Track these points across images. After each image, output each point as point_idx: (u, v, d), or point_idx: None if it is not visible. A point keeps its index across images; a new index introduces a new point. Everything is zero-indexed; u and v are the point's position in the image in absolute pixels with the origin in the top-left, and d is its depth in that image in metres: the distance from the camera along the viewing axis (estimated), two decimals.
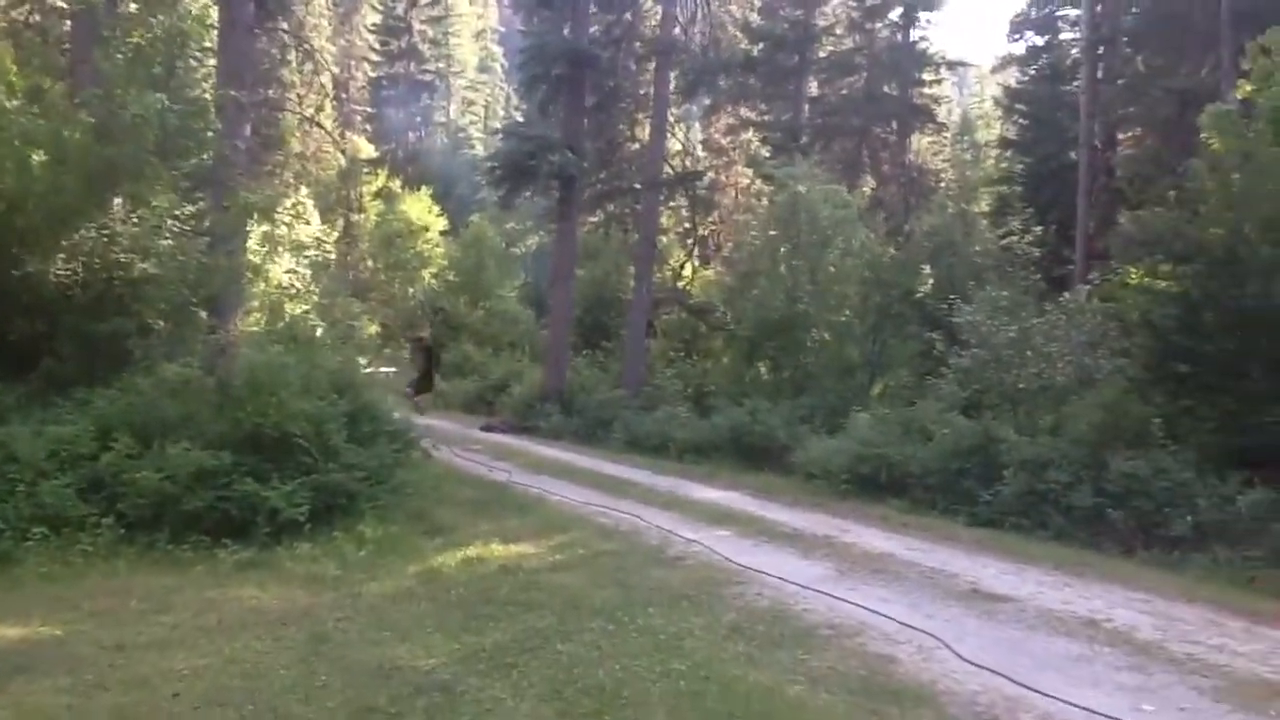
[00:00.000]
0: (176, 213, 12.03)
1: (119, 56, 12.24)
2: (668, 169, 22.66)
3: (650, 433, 17.28)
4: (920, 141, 41.01)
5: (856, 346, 20.29)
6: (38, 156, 11.54)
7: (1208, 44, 21.83)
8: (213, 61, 17.84)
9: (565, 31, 20.26)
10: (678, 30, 21.21)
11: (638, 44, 22.18)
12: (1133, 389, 11.63)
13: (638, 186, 22.22)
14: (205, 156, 13.78)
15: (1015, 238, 17.65)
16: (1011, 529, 10.52)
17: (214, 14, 16.55)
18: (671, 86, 22.42)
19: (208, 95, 14.94)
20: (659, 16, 21.70)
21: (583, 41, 19.98)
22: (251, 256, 18.60)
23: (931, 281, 21.24)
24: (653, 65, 21.80)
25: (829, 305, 20.09)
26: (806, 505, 11.95)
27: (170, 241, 12.02)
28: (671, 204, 30.49)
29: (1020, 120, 33.60)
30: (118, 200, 11.76)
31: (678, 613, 7.03)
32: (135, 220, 11.45)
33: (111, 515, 8.74)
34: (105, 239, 11.31)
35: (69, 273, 11.28)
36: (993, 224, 26.31)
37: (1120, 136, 29.15)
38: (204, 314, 12.81)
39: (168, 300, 11.67)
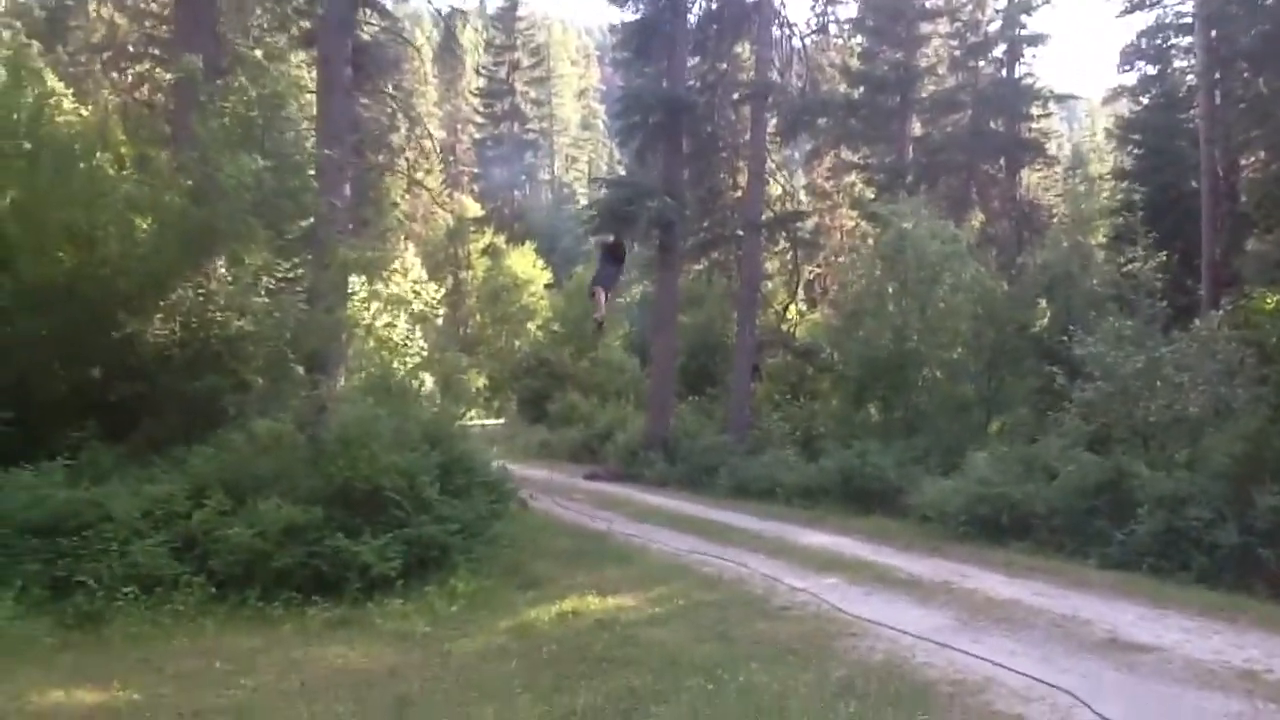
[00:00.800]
0: (274, 271, 12.08)
1: (215, 123, 12.39)
2: (768, 212, 22.22)
3: (756, 477, 16.76)
4: (1030, 177, 40.05)
5: (970, 384, 19.48)
6: (141, 222, 11.78)
7: None
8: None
9: (662, 81, 20.13)
10: (774, 74, 20.91)
11: (734, 91, 21.84)
12: (1276, 418, 10.75)
13: (739, 233, 21.84)
14: (304, 217, 13.91)
15: (1138, 263, 16.70)
16: (1149, 571, 9.71)
17: (311, 77, 16.86)
18: (770, 129, 22.10)
19: (308, 155, 15.09)
20: (755, 62, 21.43)
21: (679, 89, 19.81)
22: (357, 313, 18.80)
23: (1047, 316, 20.37)
24: (749, 110, 21.48)
25: (940, 342, 19.36)
26: (922, 549, 11.29)
27: (266, 299, 12.07)
28: (774, 248, 30.08)
29: (1135, 150, 32.46)
30: (216, 262, 11.86)
31: (783, 668, 6.53)
32: (230, 279, 11.49)
33: (203, 574, 8.62)
34: (202, 298, 11.37)
35: (167, 333, 11.36)
36: (1110, 256, 25.34)
37: (1243, 162, 27.89)
38: (302, 370, 12.80)
39: (264, 357, 11.68)
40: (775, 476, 16.33)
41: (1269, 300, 13.05)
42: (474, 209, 58.64)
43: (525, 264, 47.77)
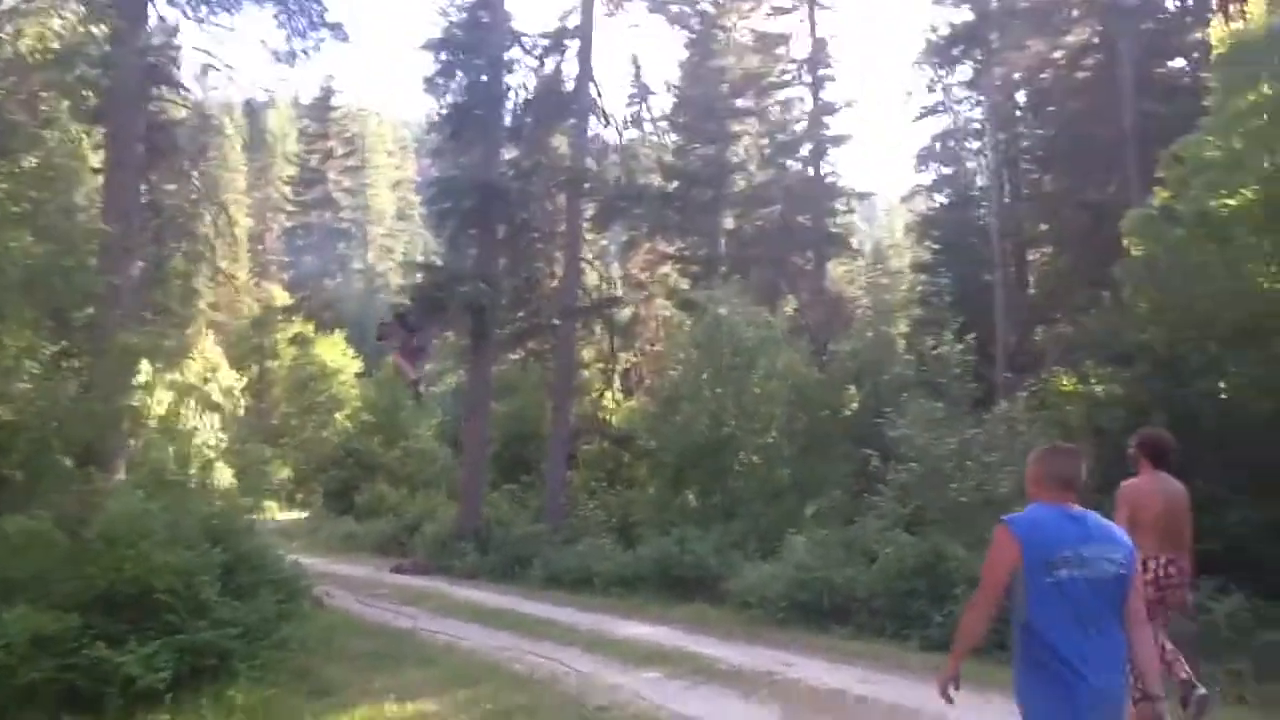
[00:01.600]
0: (37, 355, 10.97)
1: None
2: (585, 299, 22.01)
3: (572, 567, 16.11)
4: (836, 270, 41.43)
5: (786, 468, 19.49)
6: None
7: (1111, 163, 22.12)
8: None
9: (477, 168, 19.76)
10: (589, 162, 20.86)
11: (551, 180, 21.66)
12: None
13: (555, 321, 21.52)
14: (80, 298, 12.83)
15: (947, 347, 17.16)
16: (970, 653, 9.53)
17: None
18: (586, 216, 22.00)
19: (89, 234, 14.00)
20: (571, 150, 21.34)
21: (493, 175, 19.47)
22: (144, 403, 17.49)
23: (857, 401, 20.72)
24: (565, 198, 21.32)
25: (755, 428, 19.36)
26: (743, 637, 10.87)
27: (29, 385, 10.94)
28: (591, 337, 29.93)
29: (933, 245, 33.93)
30: None
31: None
32: None
33: None
34: None
35: None
36: (912, 344, 26.21)
37: (1031, 255, 29.52)
38: (71, 463, 11.61)
39: (25, 448, 10.50)
40: (591, 566, 15.72)
41: (1065, 382, 13.45)
42: (282, 297, 56.71)
43: (334, 352, 46.21)
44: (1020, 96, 28.28)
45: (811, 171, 36.93)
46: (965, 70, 30.24)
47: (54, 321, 13.14)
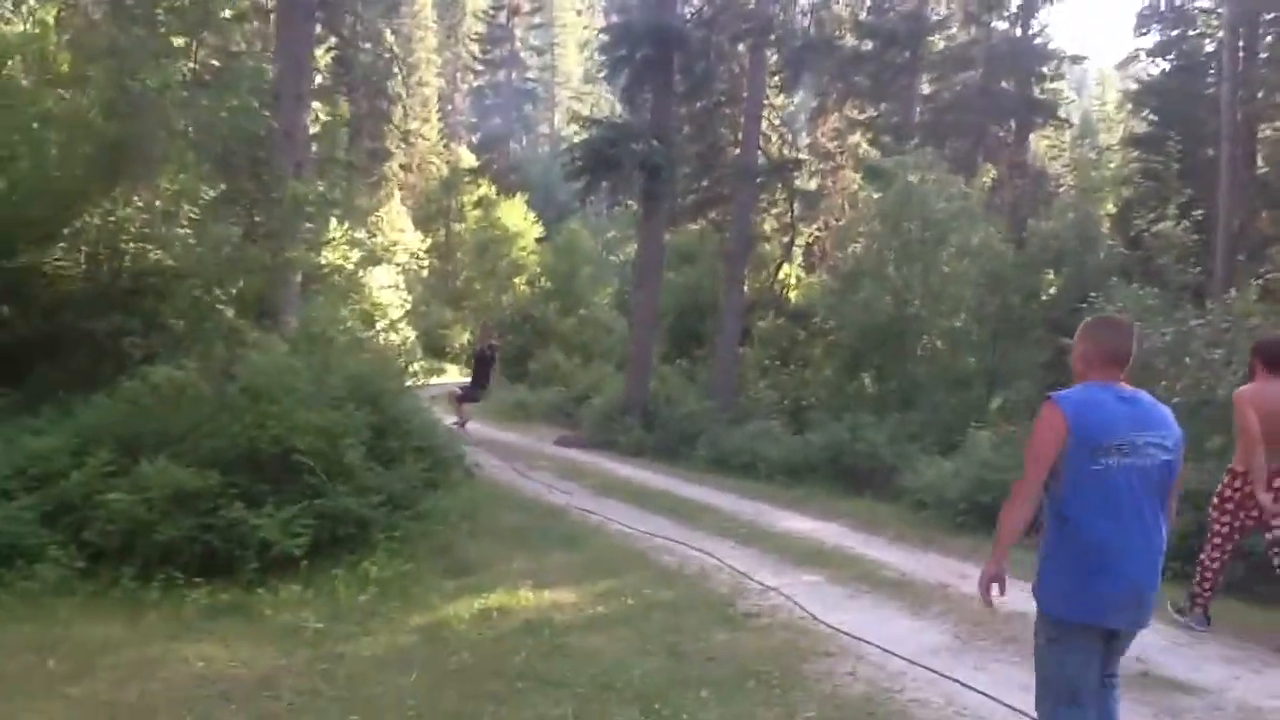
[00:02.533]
0: (197, 199, 10.73)
1: (137, 28, 10.98)
2: (767, 163, 20.76)
3: (738, 449, 15.33)
4: (1039, 142, 38.86)
5: (973, 355, 18.18)
6: (57, 139, 10.41)
7: None
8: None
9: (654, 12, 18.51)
10: (776, 7, 19.35)
11: (732, 29, 20.18)
12: None
13: (730, 186, 20.39)
14: (245, 142, 12.55)
15: (1170, 222, 15.37)
16: (1176, 578, 8.39)
17: None
18: (772, 74, 20.61)
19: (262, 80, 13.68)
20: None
21: (671, 20, 18.20)
22: (333, 258, 17.63)
23: (1054, 288, 19.06)
24: (748, 49, 19.88)
25: (942, 310, 18.06)
26: (916, 541, 9.97)
27: (188, 230, 10.74)
28: (771, 205, 28.68)
29: (1152, 116, 31.04)
30: (133, 185, 10.49)
31: (740, 698, 5.25)
32: (143, 205, 10.13)
33: (74, 545, 7.34)
34: (111, 226, 10.03)
35: (70, 264, 10.04)
36: (1119, 228, 24.10)
37: (1262, 132, 26.49)
38: (230, 313, 11.47)
39: (183, 296, 10.35)
40: (758, 450, 14.90)
41: None
42: (469, 160, 57.09)
43: (516, 216, 46.22)
44: None
45: (1018, 31, 34.51)
46: None
47: (219, 167, 13.00)
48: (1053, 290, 19.00)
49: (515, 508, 10.80)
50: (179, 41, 12.51)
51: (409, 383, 11.19)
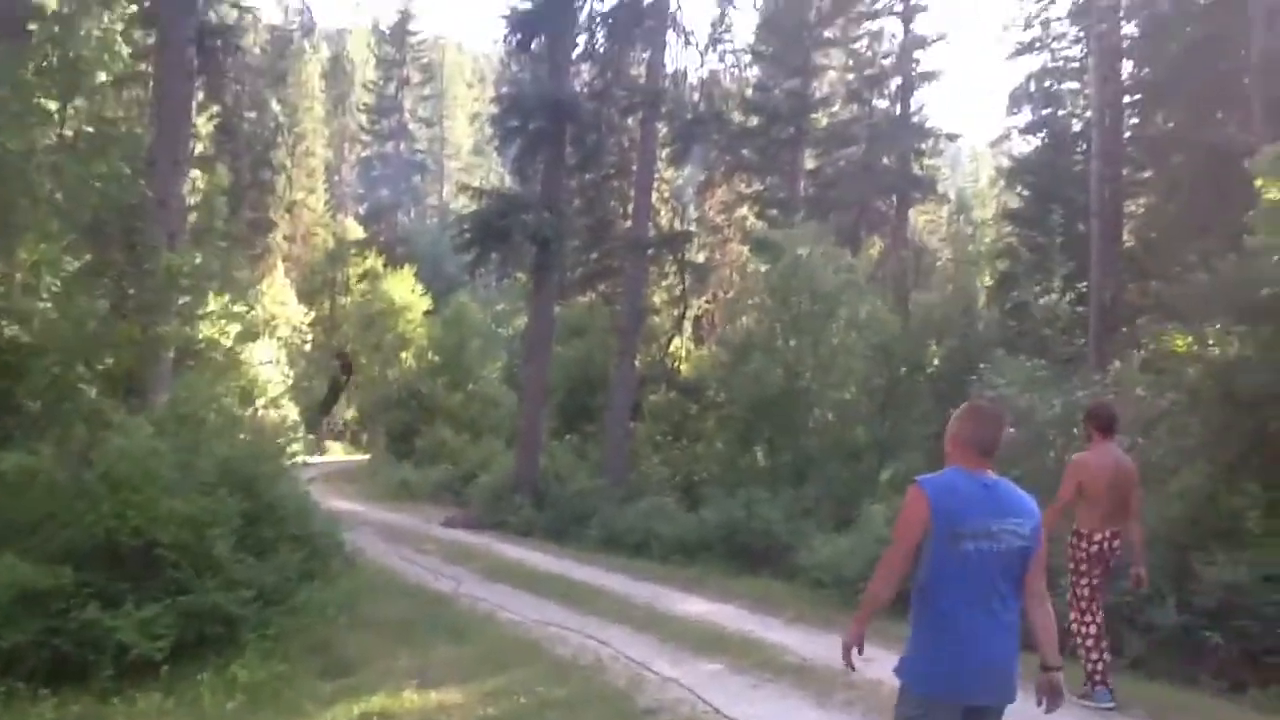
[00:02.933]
0: (58, 271, 10.10)
1: None
2: (658, 235, 20.74)
3: (631, 528, 15.00)
4: (918, 218, 39.88)
5: (863, 427, 18.25)
6: None
7: (1231, 100, 20.24)
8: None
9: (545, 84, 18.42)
10: (666, 82, 19.43)
11: (624, 103, 20.19)
12: (1218, 475, 9.46)
13: (622, 257, 20.24)
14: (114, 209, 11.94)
15: (1055, 295, 15.70)
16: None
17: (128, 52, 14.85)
18: (661, 146, 20.70)
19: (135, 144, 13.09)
20: (647, 69, 19.84)
21: (563, 92, 18.12)
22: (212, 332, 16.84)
23: (936, 360, 19.33)
24: (639, 122, 19.93)
25: (832, 382, 18.12)
26: (816, 622, 9.69)
27: (47, 303, 10.09)
28: (662, 280, 28.75)
29: (1025, 192, 32.15)
30: None
31: None
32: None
33: None
34: None
35: None
36: (996, 299, 24.76)
37: (1129, 206, 27.59)
38: (92, 393, 10.79)
39: (37, 375, 9.65)
40: (652, 528, 14.57)
41: (1180, 342, 11.89)
42: (356, 231, 56.25)
43: (403, 289, 45.52)
44: (1129, 27, 26.12)
45: (898, 109, 35.51)
46: (1066, 2, 28.40)
47: (89, 236, 12.37)
48: (936, 362, 19.25)
49: (399, 596, 10.27)
50: (52, 105, 11.86)
51: (288, 463, 10.63)
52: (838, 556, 11.02)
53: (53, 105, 11.62)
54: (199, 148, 35.30)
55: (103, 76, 12.68)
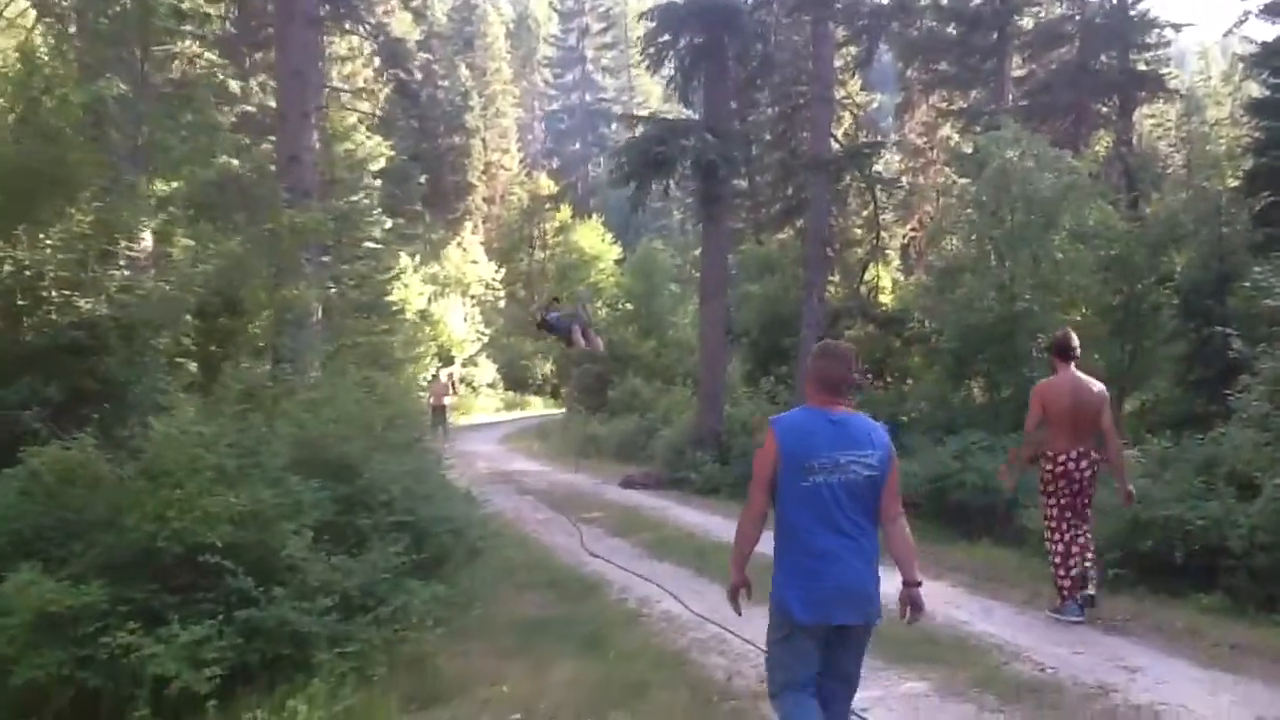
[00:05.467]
0: (115, 236, 8.92)
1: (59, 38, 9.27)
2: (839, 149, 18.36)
3: None
4: (1143, 121, 36.18)
5: (1099, 353, 15.58)
6: None
7: None
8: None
9: None
10: None
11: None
12: None
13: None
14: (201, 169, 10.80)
15: None
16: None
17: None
18: (838, 44, 18.28)
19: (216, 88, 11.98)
20: None
21: (721, 1, 15.99)
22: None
23: (1178, 271, 16.31)
24: (810, 23, 17.54)
25: (1057, 302, 15.55)
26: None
27: (123, 271, 8.95)
28: (861, 207, 26.44)
29: (1272, 79, 27.95)
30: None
31: None
32: (51, 245, 8.32)
33: None
34: (13, 270, 8.25)
35: None
36: (1238, 202, 21.31)
37: None
38: (193, 367, 9.68)
39: (125, 350, 8.49)
40: None
41: None
42: (550, 186, 55.95)
43: (593, 238, 44.56)
44: None
45: (1114, 1, 31.97)
46: None
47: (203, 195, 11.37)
48: (1178, 273, 16.29)
49: (539, 585, 8.67)
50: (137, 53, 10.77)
51: (408, 436, 9.24)
52: None
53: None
54: (378, 114, 35.09)
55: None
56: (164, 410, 7.56)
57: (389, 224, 37.39)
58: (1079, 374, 7.39)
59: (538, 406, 40.34)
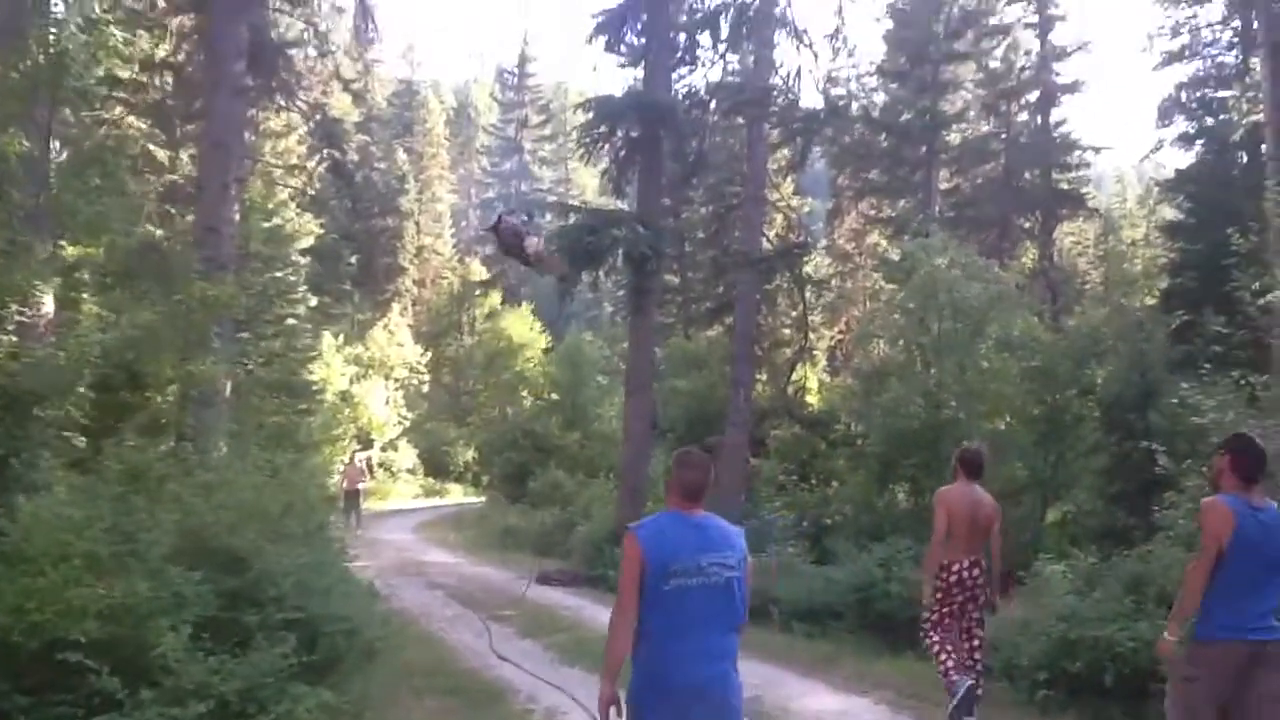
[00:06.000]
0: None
1: None
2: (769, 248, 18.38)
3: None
4: (1062, 239, 37.47)
5: (1021, 463, 15.55)
6: None
7: None
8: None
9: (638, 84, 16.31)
10: (776, 79, 17.13)
11: (729, 100, 17.82)
12: None
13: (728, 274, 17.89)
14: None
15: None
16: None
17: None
18: (772, 144, 18.38)
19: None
20: (754, 64, 17.52)
21: (659, 93, 15.96)
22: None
23: (1100, 382, 16.40)
24: (746, 127, 17.64)
25: (983, 411, 15.52)
26: None
27: (13, 338, 8.42)
28: (790, 308, 26.53)
29: (1187, 204, 28.93)
30: None
31: None
32: None
33: None
34: None
35: None
36: (1155, 320, 21.71)
37: None
38: (80, 441, 9.08)
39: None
40: (768, 589, 12.08)
41: None
42: (481, 273, 55.86)
43: (522, 327, 44.26)
44: None
45: (1039, 121, 33.19)
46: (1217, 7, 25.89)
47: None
48: (1099, 386, 16.39)
49: (439, 690, 8.11)
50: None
51: (308, 525, 8.71)
52: (1004, 632, 8.46)
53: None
54: (310, 191, 34.64)
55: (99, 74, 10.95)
56: (40, 489, 7.02)
57: (314, 302, 36.82)
58: (977, 487, 7.70)
59: (457, 494, 39.49)
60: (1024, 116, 34.11)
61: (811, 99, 19.07)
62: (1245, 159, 24.30)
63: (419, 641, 10.10)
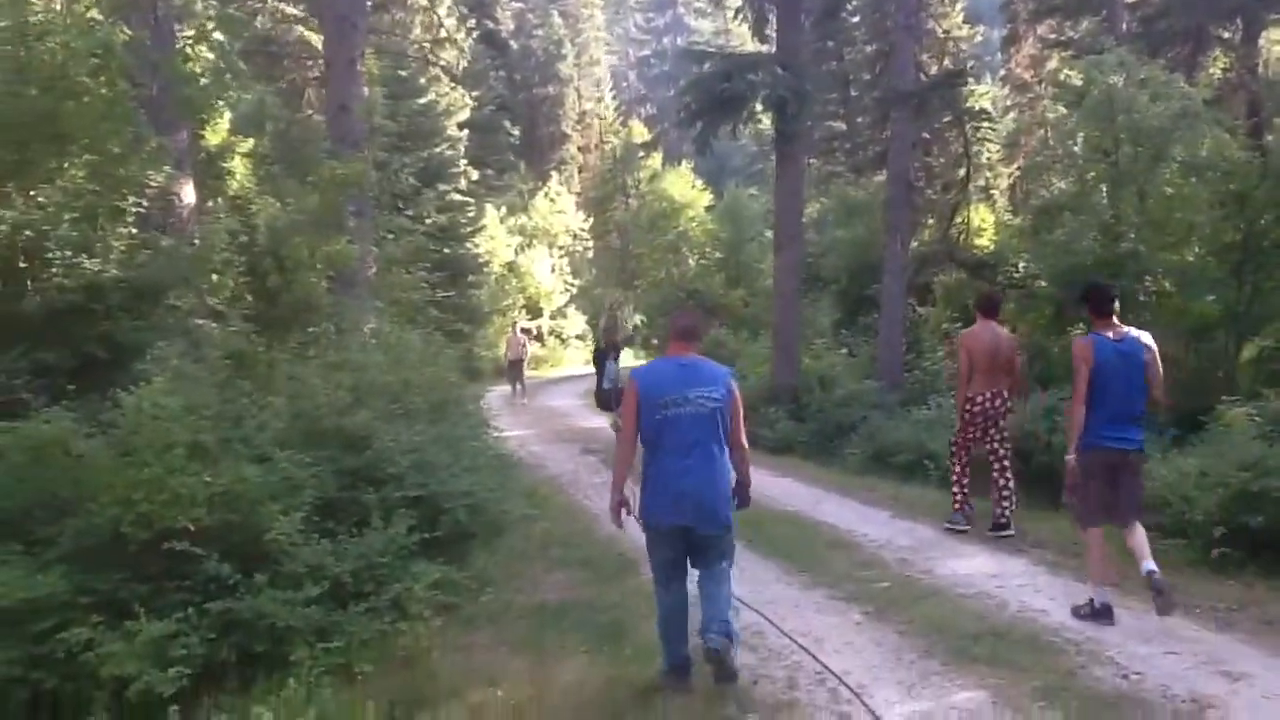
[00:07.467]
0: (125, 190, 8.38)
1: None
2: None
3: (900, 443, 11.87)
4: (1269, 47, 33.78)
5: (1213, 296, 14.22)
6: None
7: None
8: None
9: None
10: None
11: None
12: None
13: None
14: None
15: None
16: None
17: None
18: None
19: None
20: None
21: None
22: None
23: None
24: None
25: (1167, 243, 14.21)
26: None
27: (133, 230, 8.45)
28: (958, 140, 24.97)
29: None
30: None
31: None
32: (54, 203, 7.81)
33: None
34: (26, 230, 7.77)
35: None
36: None
37: None
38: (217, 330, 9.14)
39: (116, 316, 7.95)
40: (927, 444, 11.45)
41: None
42: (642, 134, 55.01)
43: (683, 186, 43.45)
44: None
45: None
46: None
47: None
48: None
49: (571, 563, 7.97)
50: None
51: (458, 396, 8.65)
52: (1179, 484, 7.71)
53: None
54: (462, 63, 34.45)
55: None
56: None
57: (475, 176, 37.01)
58: (996, 326, 8.78)
59: (626, 359, 39.72)
60: None
61: None
62: None
63: (563, 511, 10.04)
